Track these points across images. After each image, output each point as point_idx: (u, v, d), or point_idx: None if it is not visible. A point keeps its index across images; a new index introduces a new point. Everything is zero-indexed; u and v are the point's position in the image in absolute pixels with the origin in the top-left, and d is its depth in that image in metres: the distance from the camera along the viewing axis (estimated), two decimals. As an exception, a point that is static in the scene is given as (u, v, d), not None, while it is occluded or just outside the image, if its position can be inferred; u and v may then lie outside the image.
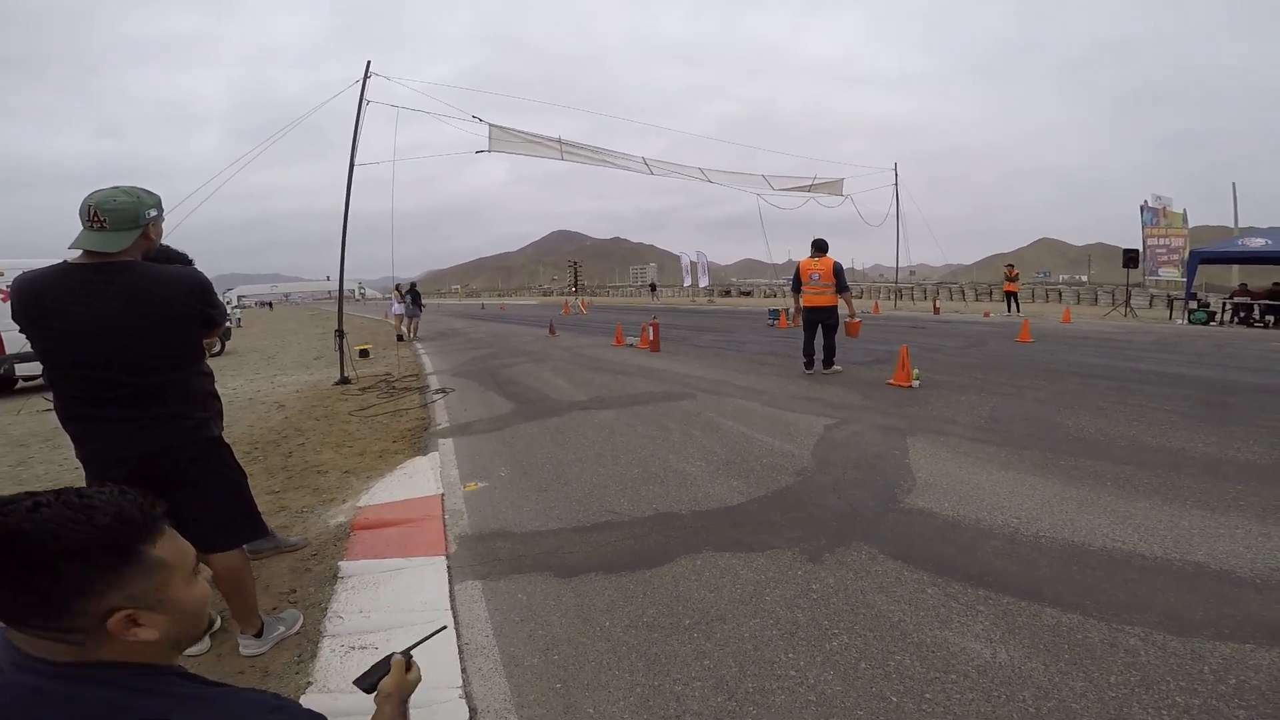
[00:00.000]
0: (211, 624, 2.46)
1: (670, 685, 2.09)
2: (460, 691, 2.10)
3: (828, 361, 8.33)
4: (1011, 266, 22.84)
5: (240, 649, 2.42)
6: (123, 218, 2.00)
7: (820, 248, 8.22)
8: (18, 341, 10.41)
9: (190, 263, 3.14)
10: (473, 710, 2.01)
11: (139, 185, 2.11)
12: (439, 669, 2.22)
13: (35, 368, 10.95)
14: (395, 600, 2.77)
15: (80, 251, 2.02)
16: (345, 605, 2.73)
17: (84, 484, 1.95)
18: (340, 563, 3.13)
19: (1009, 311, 21.46)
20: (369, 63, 9.38)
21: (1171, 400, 6.21)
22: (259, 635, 2.44)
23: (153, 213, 2.08)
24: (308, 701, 2.02)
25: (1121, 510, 3.39)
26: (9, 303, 2.08)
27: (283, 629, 2.53)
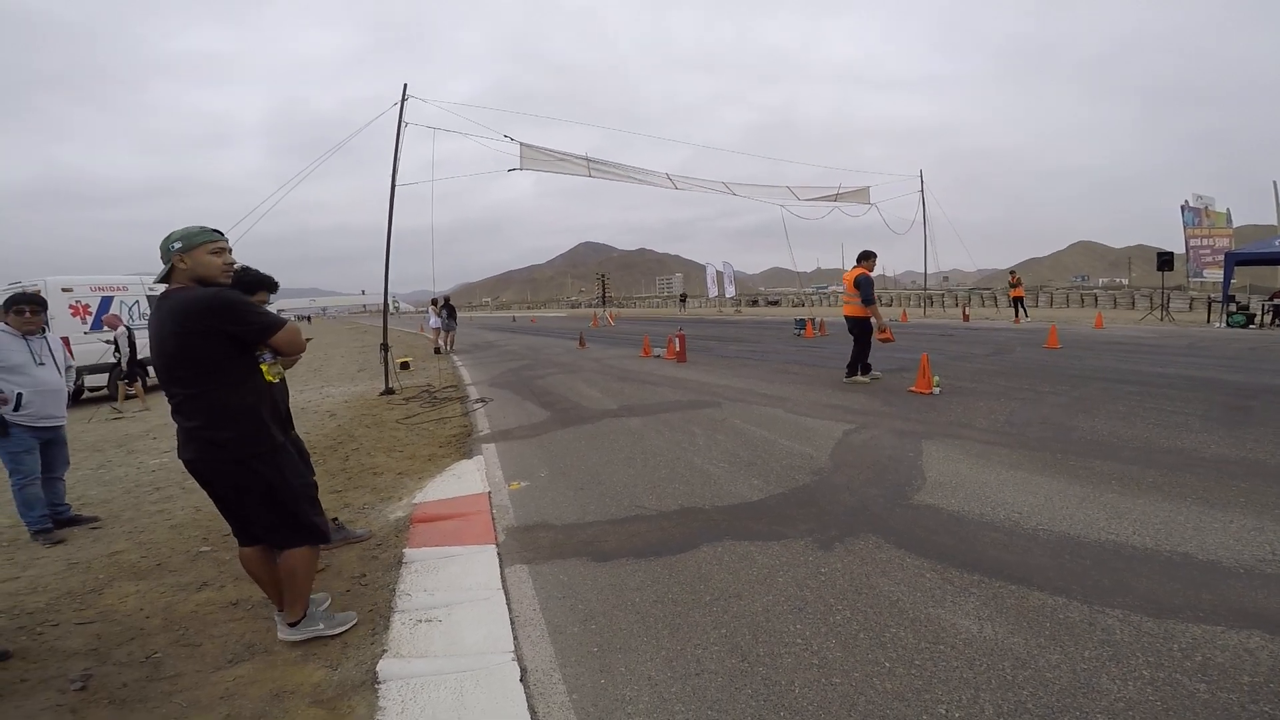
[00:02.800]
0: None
1: (691, 649, 2.43)
2: (512, 655, 2.46)
3: (848, 370, 8.50)
4: (1013, 273, 22.63)
5: (278, 630, 2.66)
6: (162, 254, 2.43)
7: (859, 257, 8.47)
8: (92, 354, 11.28)
9: (275, 286, 3.55)
10: (523, 669, 2.37)
11: (196, 226, 2.49)
12: (494, 637, 2.61)
13: (102, 379, 11.82)
14: (454, 581, 3.17)
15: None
16: (411, 585, 3.14)
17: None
18: (404, 550, 3.56)
19: (1017, 318, 21.18)
20: (405, 86, 9.96)
21: (1191, 404, 6.30)
22: (295, 625, 2.63)
23: (177, 245, 2.40)
24: (383, 666, 2.41)
25: (1120, 506, 3.60)
26: (83, 317, 2.74)
27: (322, 626, 2.66)
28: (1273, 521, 3.28)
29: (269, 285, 3.44)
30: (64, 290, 11.54)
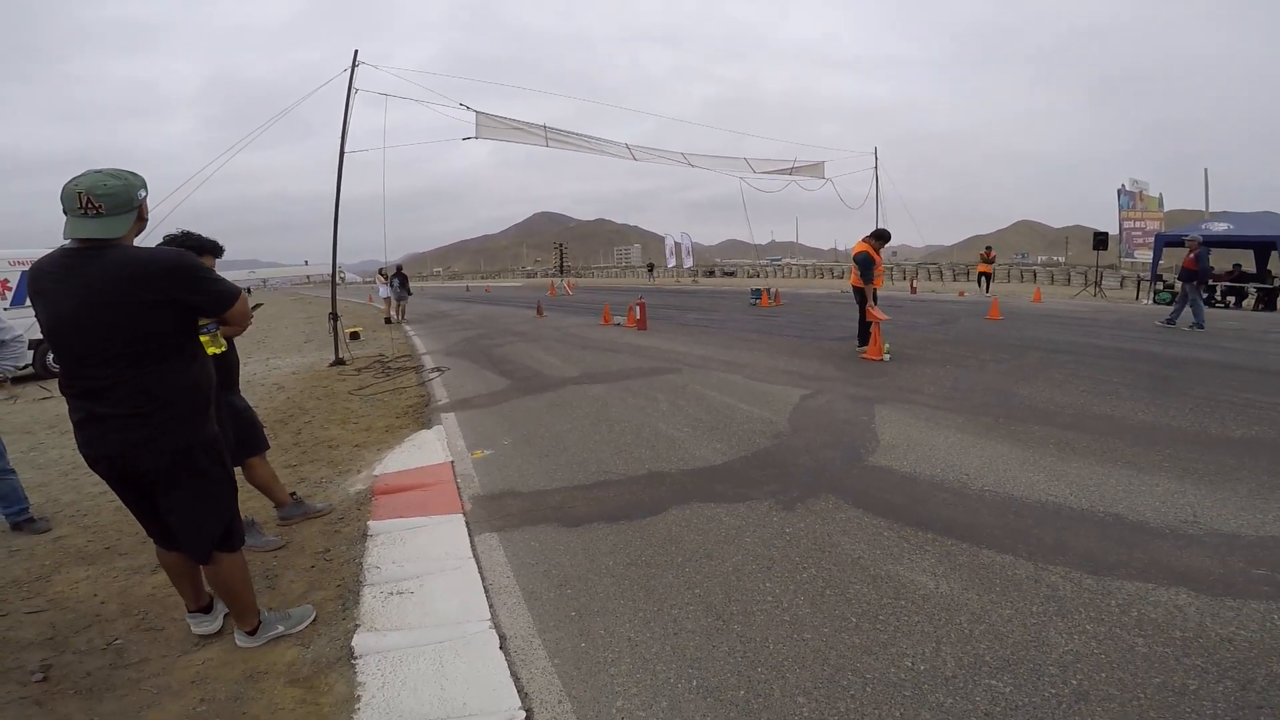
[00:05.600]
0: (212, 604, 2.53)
1: (668, 610, 2.49)
2: (489, 623, 2.47)
3: (859, 340, 8.41)
4: (989, 249, 23.42)
5: (235, 639, 2.44)
6: (118, 201, 1.96)
7: (871, 234, 8.42)
8: (15, 331, 10.49)
9: (221, 250, 3.35)
10: (502, 637, 2.38)
11: (125, 169, 2.06)
12: (469, 606, 2.61)
13: (28, 356, 11.05)
14: (423, 551, 3.15)
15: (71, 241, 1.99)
16: (379, 558, 3.10)
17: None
18: (368, 523, 3.50)
19: (980, 288, 22.12)
20: (356, 52, 9.51)
21: (1120, 373, 6.71)
22: (253, 633, 2.42)
23: (143, 193, 2.05)
24: (358, 641, 2.38)
25: (1058, 469, 3.84)
26: (1, 293, 2.13)
27: (282, 628, 2.48)
28: (1193, 485, 3.52)
29: (214, 250, 3.23)
30: None
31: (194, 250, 3.08)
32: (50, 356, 10.09)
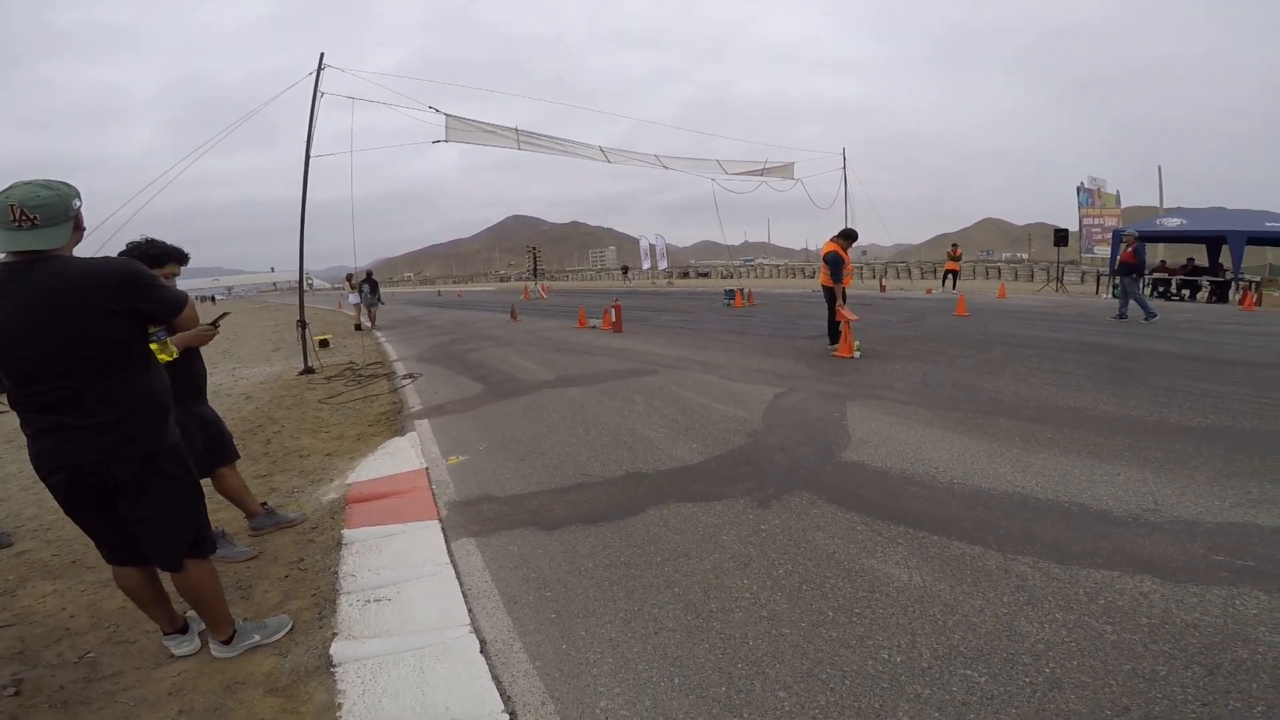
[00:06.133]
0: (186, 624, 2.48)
1: (648, 609, 2.51)
2: (469, 628, 2.46)
3: (829, 338, 8.50)
4: (955, 246, 23.96)
5: (211, 649, 2.41)
6: (53, 212, 1.92)
7: (838, 234, 8.53)
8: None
9: (186, 258, 3.27)
10: (483, 641, 2.37)
11: (55, 179, 2.02)
12: (448, 611, 2.59)
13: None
14: (399, 559, 3.11)
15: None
16: (355, 566, 3.06)
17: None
18: (343, 531, 3.45)
19: (944, 287, 22.62)
20: (322, 55, 9.36)
21: (1082, 366, 6.91)
22: (228, 642, 2.39)
23: (77, 203, 2.01)
24: (336, 649, 2.35)
25: (1023, 460, 3.93)
26: None
27: (258, 637, 2.45)
28: (1153, 474, 3.62)
29: (179, 257, 3.15)
30: None
31: (158, 258, 3.01)
32: None
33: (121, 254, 2.95)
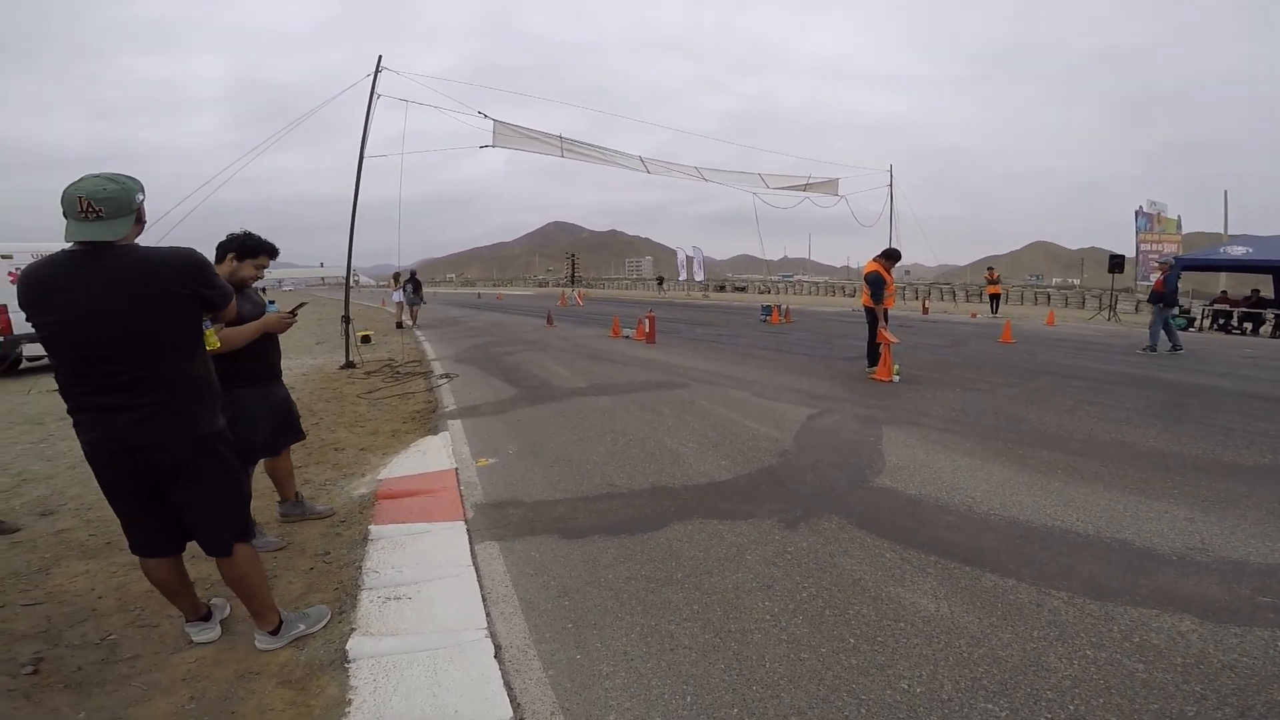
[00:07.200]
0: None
1: (665, 625, 2.48)
2: (486, 632, 2.46)
3: (868, 360, 8.32)
4: (992, 269, 23.35)
5: (256, 642, 2.42)
6: (118, 205, 2.01)
7: (881, 254, 8.34)
8: (26, 324, 10.67)
9: (276, 251, 3.38)
10: (498, 646, 2.37)
11: (120, 171, 2.11)
12: (466, 614, 2.61)
13: (41, 348, 11.22)
14: (423, 558, 3.15)
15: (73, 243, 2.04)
16: (379, 563, 3.10)
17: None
18: (370, 526, 3.51)
19: (990, 311, 22.05)
20: (380, 57, 9.66)
21: (1133, 400, 6.63)
22: (275, 633, 2.42)
23: (140, 197, 2.09)
24: (353, 644, 2.38)
25: (1066, 494, 3.79)
26: (17, 287, 2.07)
27: (303, 627, 2.49)
28: (1203, 512, 3.49)
29: (270, 251, 3.27)
30: (3, 257, 10.92)
31: (253, 250, 3.18)
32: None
33: (221, 244, 3.16)
